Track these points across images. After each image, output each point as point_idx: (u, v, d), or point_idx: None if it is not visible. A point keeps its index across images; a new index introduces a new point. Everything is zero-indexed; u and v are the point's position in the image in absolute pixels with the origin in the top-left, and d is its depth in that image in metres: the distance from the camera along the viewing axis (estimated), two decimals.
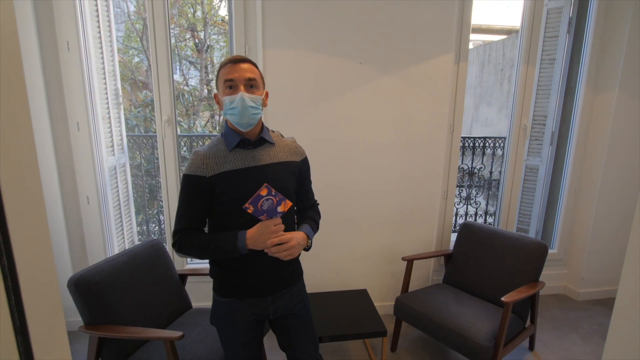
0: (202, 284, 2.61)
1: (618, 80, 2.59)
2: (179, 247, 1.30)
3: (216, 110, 7.26)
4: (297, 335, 1.45)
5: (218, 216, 1.32)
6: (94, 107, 2.37)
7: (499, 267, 2.30)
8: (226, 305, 1.37)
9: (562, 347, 2.42)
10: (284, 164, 1.34)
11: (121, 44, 7.70)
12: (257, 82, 1.27)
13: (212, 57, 7.54)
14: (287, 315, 1.42)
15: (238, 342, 1.39)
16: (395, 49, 2.40)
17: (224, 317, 1.39)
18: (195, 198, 1.28)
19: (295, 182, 1.39)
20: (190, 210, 1.30)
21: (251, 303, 1.36)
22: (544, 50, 2.78)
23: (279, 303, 1.39)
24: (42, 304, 0.59)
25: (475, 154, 3.57)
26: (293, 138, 1.45)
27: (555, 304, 2.95)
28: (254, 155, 1.30)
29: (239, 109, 1.22)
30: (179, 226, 1.31)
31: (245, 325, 1.38)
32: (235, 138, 1.29)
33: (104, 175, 2.48)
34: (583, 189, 2.91)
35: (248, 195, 1.25)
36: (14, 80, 0.51)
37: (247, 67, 1.25)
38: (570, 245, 3.05)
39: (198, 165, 1.26)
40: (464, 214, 3.62)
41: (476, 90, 7.35)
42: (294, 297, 1.43)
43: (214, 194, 1.27)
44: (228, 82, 1.23)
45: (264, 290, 1.36)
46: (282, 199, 1.19)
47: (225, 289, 1.37)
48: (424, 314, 2.13)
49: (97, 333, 1.63)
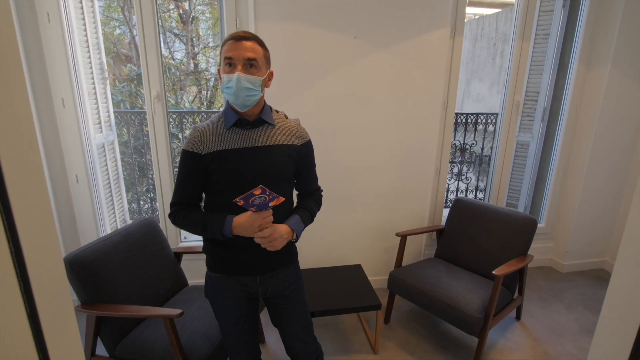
0: (197, 261, 2.61)
1: (610, 56, 2.59)
2: (173, 220, 1.33)
3: (204, 85, 7.08)
4: (288, 318, 1.46)
5: (211, 193, 1.32)
6: (79, 82, 2.29)
7: (490, 241, 2.35)
8: (217, 280, 1.39)
9: (547, 317, 2.53)
10: (282, 146, 1.31)
11: (102, 15, 7.35)
12: (258, 62, 1.21)
13: (197, 29, 7.28)
14: (278, 296, 1.43)
15: (230, 316, 1.41)
16: (390, 23, 2.35)
17: (216, 292, 1.41)
18: (191, 174, 1.29)
19: (293, 166, 1.35)
20: (186, 185, 1.31)
21: (240, 280, 1.38)
22: (539, 25, 2.75)
23: (268, 284, 1.39)
24: (49, 286, 0.59)
25: (467, 130, 3.58)
26: (297, 120, 1.40)
27: (542, 276, 3.06)
28: (250, 136, 1.28)
29: (234, 90, 1.19)
30: (175, 199, 1.33)
31: (236, 300, 1.39)
32: (233, 117, 1.27)
33: (93, 153, 2.42)
34: (572, 165, 2.97)
35: (239, 176, 1.24)
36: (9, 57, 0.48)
37: (249, 46, 1.20)
38: (557, 220, 3.14)
39: (195, 142, 1.26)
40: (455, 190, 3.67)
41: (468, 66, 7.31)
42: (285, 279, 1.42)
43: (209, 171, 1.27)
44: (227, 59, 1.20)
45: (253, 269, 1.37)
46: (275, 196, 1.17)
47: (215, 265, 1.39)
48: (416, 287, 2.18)
49: (94, 312, 1.63)
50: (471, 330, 1.95)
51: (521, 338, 2.32)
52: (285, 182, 1.35)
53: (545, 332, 2.37)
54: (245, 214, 1.23)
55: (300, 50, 2.31)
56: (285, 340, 1.51)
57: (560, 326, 2.43)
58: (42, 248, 0.58)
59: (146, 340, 1.67)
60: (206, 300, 1.93)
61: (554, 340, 2.30)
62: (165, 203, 2.53)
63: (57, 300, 0.62)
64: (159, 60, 2.31)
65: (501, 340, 2.29)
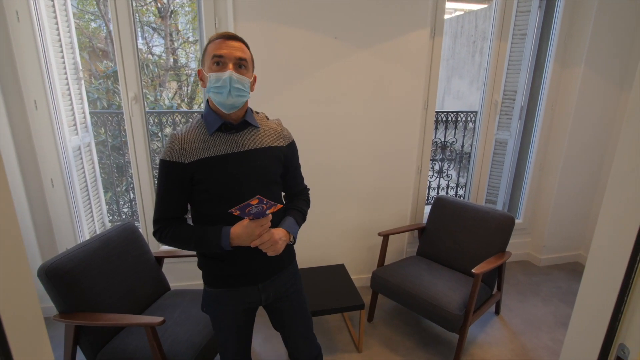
0: (179, 264, 2.60)
1: (584, 56, 2.66)
2: (159, 238, 1.24)
3: (184, 81, 6.94)
4: (290, 318, 1.45)
5: (198, 204, 1.25)
6: (52, 83, 2.21)
7: (470, 239, 2.40)
8: (217, 295, 1.34)
9: (525, 310, 2.61)
10: (269, 149, 1.27)
11: (75, 8, 7.12)
12: (247, 63, 1.19)
13: (176, 23, 7.13)
14: (279, 299, 1.40)
15: (229, 329, 1.37)
16: (371, 24, 2.35)
17: (215, 307, 1.36)
18: (173, 185, 1.21)
19: (280, 168, 1.32)
20: (170, 197, 1.23)
21: (241, 292, 1.33)
22: (516, 26, 2.80)
23: (269, 290, 1.36)
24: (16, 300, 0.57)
25: (447, 127, 3.64)
26: (279, 120, 1.37)
27: (520, 270, 3.15)
28: (237, 140, 1.22)
29: (226, 89, 1.14)
30: (159, 215, 1.24)
31: (236, 314, 1.35)
32: (216, 121, 1.21)
33: (68, 156, 2.35)
34: (548, 163, 3.05)
35: (230, 184, 1.20)
36: None
37: (238, 46, 1.17)
38: (534, 216, 3.23)
39: (176, 150, 1.18)
40: (437, 187, 3.73)
41: (448, 63, 7.39)
42: (285, 281, 1.40)
43: (194, 180, 1.20)
44: (216, 57, 1.14)
45: (254, 279, 1.33)
46: (272, 205, 1.12)
47: (215, 280, 1.33)
48: (398, 286, 2.22)
49: (73, 322, 1.60)
50: (452, 328, 2.00)
51: (500, 332, 2.39)
52: (275, 185, 1.32)
53: (523, 326, 2.45)
54: (241, 223, 1.18)
55: (280, 51, 2.29)
56: (289, 341, 1.49)
57: (537, 319, 2.52)
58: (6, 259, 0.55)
59: (128, 348, 1.65)
60: (189, 305, 1.91)
61: (531, 333, 2.38)
62: (146, 205, 2.49)
63: (26, 313, 0.60)
64: (135, 61, 2.26)
65: (481, 335, 2.35)
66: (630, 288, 0.74)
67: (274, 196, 1.27)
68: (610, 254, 0.82)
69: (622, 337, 0.76)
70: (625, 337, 0.76)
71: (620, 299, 0.75)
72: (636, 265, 0.72)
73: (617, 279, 0.76)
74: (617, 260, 0.77)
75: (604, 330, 0.79)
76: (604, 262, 0.84)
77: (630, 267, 0.73)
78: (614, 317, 0.77)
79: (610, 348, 0.78)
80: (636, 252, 0.72)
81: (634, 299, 0.74)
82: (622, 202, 0.79)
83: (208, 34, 2.26)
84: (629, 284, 0.74)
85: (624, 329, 0.76)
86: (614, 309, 0.77)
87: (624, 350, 0.75)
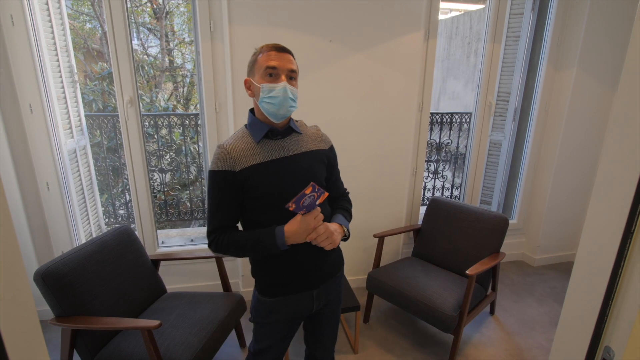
0: (176, 267, 2.60)
1: (577, 58, 2.69)
2: (215, 248, 1.25)
3: (180, 83, 6.93)
4: (326, 327, 1.46)
5: (249, 212, 1.26)
6: (47, 86, 2.21)
7: (464, 240, 2.43)
8: (270, 305, 1.32)
9: (520, 310, 2.63)
10: (313, 152, 1.31)
11: (70, 9, 7.09)
12: (296, 75, 1.24)
13: (172, 24, 7.12)
14: (325, 305, 1.40)
15: (274, 338, 1.37)
16: (365, 27, 2.37)
17: (267, 317, 1.34)
18: (226, 194, 1.22)
19: (325, 171, 1.35)
20: (222, 207, 1.24)
21: (296, 300, 1.32)
22: (510, 28, 2.83)
23: (322, 297, 1.36)
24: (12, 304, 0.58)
25: (442, 128, 3.66)
26: (317, 126, 1.41)
27: (514, 271, 3.17)
28: (283, 146, 1.25)
29: (280, 99, 1.18)
30: (213, 226, 1.25)
31: (285, 324, 1.35)
32: (263, 129, 1.24)
33: (64, 159, 2.35)
34: (541, 163, 3.08)
35: (280, 188, 1.21)
36: None
37: (289, 58, 1.21)
38: (528, 216, 3.26)
39: (225, 160, 1.20)
40: (432, 188, 3.75)
41: (444, 63, 7.42)
42: (334, 287, 1.40)
43: (245, 188, 1.21)
44: (270, 69, 1.18)
45: (310, 285, 1.32)
46: (322, 192, 1.14)
47: (268, 288, 1.32)
48: (394, 287, 2.23)
49: (69, 325, 1.60)
50: (446, 328, 2.02)
51: (495, 332, 2.41)
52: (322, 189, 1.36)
53: (517, 326, 2.47)
54: (294, 220, 1.18)
55: None
56: (317, 345, 1.50)
57: (532, 319, 2.54)
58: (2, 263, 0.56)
59: (124, 351, 1.66)
60: (185, 307, 1.92)
61: (525, 333, 2.41)
62: (141, 208, 2.49)
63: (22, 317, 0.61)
64: (131, 64, 2.26)
65: (476, 335, 2.38)
66: (615, 291, 0.76)
67: None
68: (596, 257, 0.83)
69: (608, 339, 0.78)
70: (610, 340, 0.78)
71: (605, 302, 0.77)
72: (620, 269, 0.74)
73: (603, 282, 0.77)
74: (603, 264, 0.78)
75: (590, 333, 0.81)
76: (590, 266, 0.86)
77: (615, 270, 0.75)
78: (600, 320, 0.78)
79: (596, 350, 0.80)
80: (620, 257, 0.74)
81: (618, 302, 0.75)
82: (608, 204, 0.81)
83: (203, 36, 2.26)
84: (614, 288, 0.76)
85: (609, 331, 0.78)
86: (600, 311, 0.78)
87: (609, 352, 0.77)
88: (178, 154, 4.00)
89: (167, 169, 3.61)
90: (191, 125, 3.59)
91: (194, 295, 2.05)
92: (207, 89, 2.37)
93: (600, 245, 0.80)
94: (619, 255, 0.74)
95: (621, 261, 0.73)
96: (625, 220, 0.72)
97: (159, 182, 3.51)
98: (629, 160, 0.73)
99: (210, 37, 2.28)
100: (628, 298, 0.73)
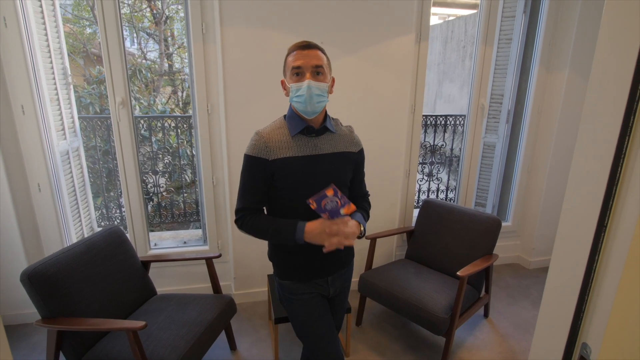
0: (166, 269, 2.59)
1: (569, 60, 2.69)
2: (240, 226, 1.32)
3: (179, 86, 6.95)
4: (335, 312, 1.51)
5: (274, 200, 1.33)
6: (40, 88, 2.22)
7: (457, 241, 2.41)
8: (289, 286, 1.39)
9: (514, 313, 2.61)
10: (343, 154, 1.35)
11: (70, 14, 7.15)
12: (324, 68, 1.25)
13: (172, 29, 7.16)
14: (337, 294, 1.48)
15: (311, 317, 1.39)
16: (356, 29, 2.38)
17: (290, 297, 1.40)
18: (256, 179, 1.29)
19: (351, 172, 1.39)
20: (252, 190, 1.31)
21: (312, 283, 1.39)
22: (502, 30, 2.83)
23: (337, 283, 1.44)
24: None
25: (437, 131, 3.66)
26: (350, 127, 1.44)
27: (509, 273, 3.15)
28: (316, 144, 1.30)
29: (305, 97, 1.22)
30: (241, 205, 1.32)
31: (312, 299, 1.39)
32: (300, 124, 1.28)
33: (56, 160, 2.35)
34: (535, 165, 3.07)
35: (307, 183, 1.26)
36: None
37: (313, 54, 1.23)
38: (523, 218, 3.24)
39: (261, 148, 1.26)
40: (427, 190, 3.74)
41: (439, 67, 7.45)
42: (347, 276, 1.49)
43: (274, 177, 1.28)
44: (295, 69, 1.23)
45: (324, 271, 1.39)
46: (346, 202, 1.17)
47: (285, 272, 1.39)
48: (385, 289, 2.22)
49: (54, 327, 1.59)
50: (438, 331, 2.00)
51: (489, 335, 2.39)
52: (345, 189, 1.38)
53: (511, 329, 2.45)
54: (317, 221, 1.22)
55: (267, 55, 2.30)
56: None
57: (526, 322, 2.52)
58: None
59: (110, 353, 1.64)
60: (174, 309, 1.91)
61: (519, 336, 2.39)
62: (133, 210, 2.48)
63: None
64: (123, 65, 2.27)
65: (469, 338, 2.36)
66: (590, 287, 0.75)
67: None
68: (571, 254, 0.83)
69: (584, 336, 0.77)
70: (587, 336, 0.77)
71: (581, 299, 0.76)
72: (595, 264, 0.73)
73: (578, 278, 0.77)
74: (578, 260, 0.78)
75: (567, 330, 0.80)
76: (566, 263, 0.86)
77: (590, 266, 0.74)
78: (576, 317, 0.78)
79: (573, 348, 0.79)
80: (594, 252, 0.73)
81: (594, 298, 0.75)
82: (581, 200, 0.80)
83: (195, 38, 2.27)
84: (589, 283, 0.75)
85: (586, 328, 0.77)
86: (576, 308, 0.78)
87: (586, 349, 0.76)
88: (174, 157, 4.00)
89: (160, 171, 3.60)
90: (185, 127, 3.59)
91: (183, 297, 2.04)
92: (199, 91, 2.37)
93: (575, 240, 0.80)
94: (593, 251, 0.73)
95: (595, 255, 0.73)
96: (598, 214, 0.71)
97: (153, 184, 3.51)
98: (601, 153, 0.72)
99: (202, 38, 2.29)
100: (603, 292, 0.72)
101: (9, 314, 2.40)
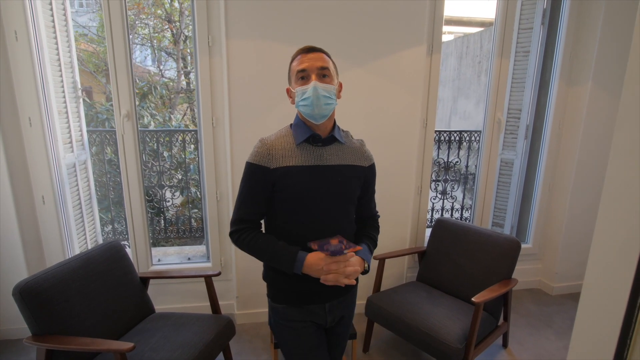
0: (167, 286, 2.51)
1: (591, 72, 2.56)
2: (235, 240, 1.25)
3: (194, 103, 7.06)
4: (336, 344, 1.42)
5: (274, 215, 1.26)
6: (48, 101, 2.23)
7: (472, 264, 2.26)
8: (282, 310, 1.30)
9: (536, 344, 2.41)
10: (351, 167, 1.26)
11: (95, 35, 7.43)
12: (330, 71, 1.20)
13: (190, 48, 7.33)
14: (338, 322, 1.37)
15: (302, 347, 1.30)
16: (366, 41, 2.32)
17: (281, 323, 1.32)
18: (256, 188, 1.22)
19: (359, 188, 1.30)
20: (251, 200, 1.24)
21: (307, 310, 1.29)
22: (519, 43, 2.73)
23: (335, 311, 1.33)
24: None
25: (451, 147, 3.53)
26: (362, 141, 1.36)
27: (530, 299, 2.94)
28: (322, 154, 1.23)
29: (312, 99, 1.15)
30: (238, 215, 1.25)
31: (305, 329, 1.29)
32: (305, 132, 1.22)
33: (61, 173, 2.34)
34: (557, 183, 2.90)
35: (309, 195, 1.19)
36: None
37: (318, 57, 1.19)
38: (544, 240, 3.05)
39: (263, 155, 1.19)
40: (440, 209, 3.59)
41: (454, 83, 7.35)
42: (348, 303, 1.38)
43: (275, 187, 1.21)
44: (300, 72, 1.18)
45: (321, 297, 1.28)
46: (351, 246, 1.12)
47: (280, 295, 1.31)
48: (394, 314, 2.07)
49: (43, 345, 1.52)
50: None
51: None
52: (351, 205, 1.30)
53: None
54: (318, 255, 1.15)
55: (272, 68, 2.26)
56: None
57: (549, 354, 2.32)
58: None
59: None
60: (170, 329, 1.82)
61: None
62: (136, 224, 2.43)
63: None
64: (129, 78, 2.26)
65: None
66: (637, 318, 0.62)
67: (347, 215, 1.28)
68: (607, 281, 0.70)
69: None
70: None
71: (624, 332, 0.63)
72: None
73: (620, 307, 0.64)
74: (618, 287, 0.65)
75: None
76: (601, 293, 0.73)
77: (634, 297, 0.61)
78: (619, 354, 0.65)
79: None
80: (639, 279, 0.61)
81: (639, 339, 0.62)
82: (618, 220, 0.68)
83: (201, 51, 2.25)
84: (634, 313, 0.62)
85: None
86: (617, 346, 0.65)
87: None
88: (186, 172, 3.99)
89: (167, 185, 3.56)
90: (192, 141, 3.57)
91: (181, 316, 1.95)
92: (204, 104, 2.34)
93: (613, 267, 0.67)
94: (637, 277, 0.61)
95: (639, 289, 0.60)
96: None
97: (160, 198, 3.48)
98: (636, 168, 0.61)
99: (209, 52, 2.27)
100: None
101: (11, 328, 2.35)
